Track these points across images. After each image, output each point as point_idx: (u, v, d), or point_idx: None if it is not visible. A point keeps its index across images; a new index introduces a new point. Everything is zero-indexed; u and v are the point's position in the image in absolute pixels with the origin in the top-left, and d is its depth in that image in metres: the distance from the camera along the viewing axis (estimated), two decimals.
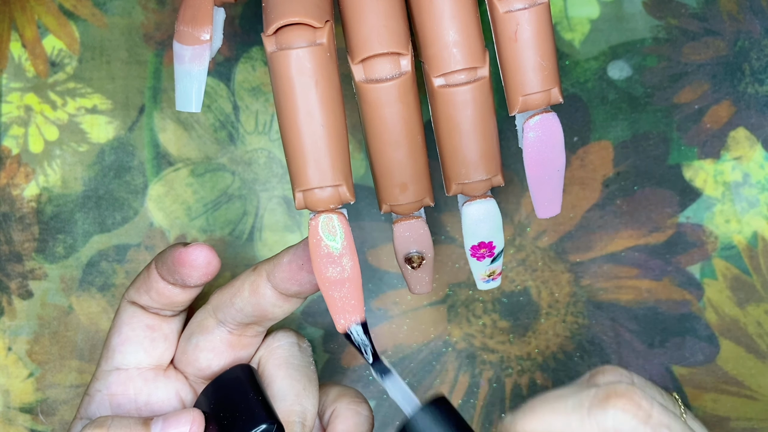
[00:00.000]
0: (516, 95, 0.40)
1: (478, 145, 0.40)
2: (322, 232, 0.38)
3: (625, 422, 0.33)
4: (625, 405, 0.33)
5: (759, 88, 0.51)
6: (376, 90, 0.39)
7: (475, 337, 0.51)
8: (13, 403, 0.51)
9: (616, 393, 0.34)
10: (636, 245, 0.51)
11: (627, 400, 0.33)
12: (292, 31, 0.38)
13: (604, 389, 0.34)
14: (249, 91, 0.52)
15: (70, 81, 0.51)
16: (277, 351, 0.43)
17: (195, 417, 0.40)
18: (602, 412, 0.33)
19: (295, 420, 0.41)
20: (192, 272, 0.41)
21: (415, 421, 0.36)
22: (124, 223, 0.51)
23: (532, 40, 0.39)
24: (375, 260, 0.52)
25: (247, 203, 0.51)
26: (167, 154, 0.51)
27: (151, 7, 0.52)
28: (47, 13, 0.52)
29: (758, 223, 0.51)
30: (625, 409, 0.33)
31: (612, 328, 0.51)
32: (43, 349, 0.51)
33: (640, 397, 0.34)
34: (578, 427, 0.34)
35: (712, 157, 0.51)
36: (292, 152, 0.38)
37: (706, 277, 0.51)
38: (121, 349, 0.43)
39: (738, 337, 0.51)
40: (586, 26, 0.52)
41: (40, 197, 0.51)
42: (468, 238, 0.42)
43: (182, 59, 0.40)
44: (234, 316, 0.42)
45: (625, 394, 0.34)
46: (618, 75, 0.52)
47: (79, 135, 0.51)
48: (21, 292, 0.51)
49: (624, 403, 0.33)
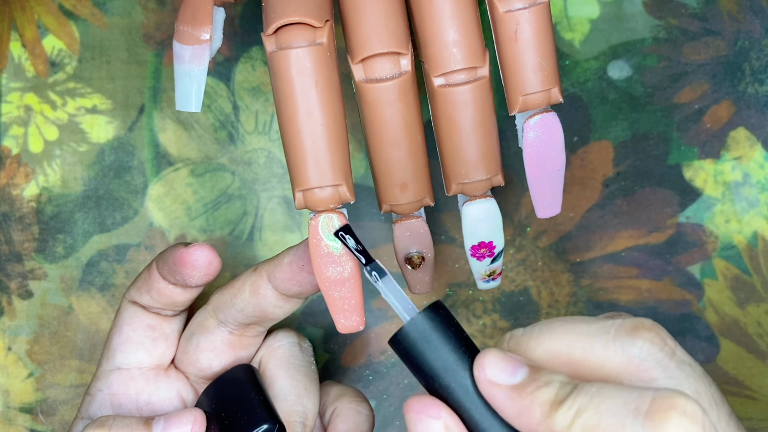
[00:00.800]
0: (516, 95, 0.40)
1: (478, 145, 0.40)
2: (323, 231, 0.38)
3: (652, 354, 0.33)
4: (653, 338, 0.33)
5: (759, 88, 0.51)
6: (376, 90, 0.39)
7: (475, 337, 0.51)
8: (13, 403, 0.51)
9: (644, 325, 0.34)
10: (636, 245, 0.51)
11: (655, 334, 0.34)
12: (292, 30, 0.38)
13: (631, 321, 0.34)
14: (249, 91, 0.52)
15: (70, 81, 0.51)
16: (278, 351, 0.43)
17: (196, 417, 0.40)
18: (630, 339, 0.33)
19: (297, 420, 0.41)
20: (193, 272, 0.41)
21: (412, 325, 0.35)
22: (124, 223, 0.51)
23: (532, 40, 0.39)
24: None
25: (247, 203, 0.51)
26: (167, 154, 0.51)
27: (151, 7, 0.52)
28: (47, 13, 0.52)
29: (758, 223, 0.51)
30: (653, 341, 0.33)
31: None
32: (43, 349, 0.51)
33: (666, 335, 0.34)
34: (601, 350, 0.33)
35: (712, 157, 0.51)
36: (292, 152, 0.38)
37: (706, 277, 0.51)
38: (122, 349, 0.43)
39: (738, 337, 0.51)
40: (586, 26, 0.52)
41: (40, 197, 0.51)
42: (468, 238, 0.42)
43: (182, 59, 0.40)
44: (234, 316, 0.42)
45: (653, 328, 0.34)
46: (618, 75, 0.52)
47: (79, 135, 0.51)
48: (21, 292, 0.51)
49: (653, 336, 0.33)
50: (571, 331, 0.34)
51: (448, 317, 0.35)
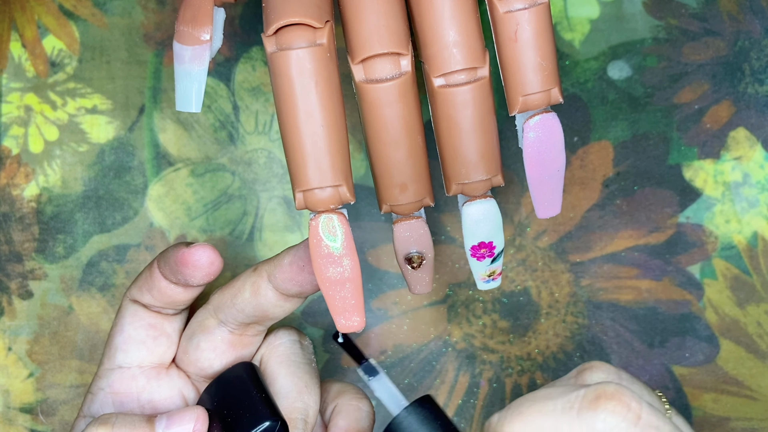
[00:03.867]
0: (516, 95, 0.40)
1: (478, 145, 0.40)
2: (323, 232, 0.38)
3: (615, 424, 0.33)
4: (615, 407, 0.33)
5: (759, 88, 0.51)
6: (376, 90, 0.39)
7: (475, 337, 0.51)
8: (13, 403, 0.51)
9: (605, 394, 0.33)
10: (636, 245, 0.51)
11: (617, 402, 0.33)
12: (292, 31, 0.38)
13: (593, 390, 0.33)
14: (249, 91, 0.52)
15: (70, 81, 0.51)
16: (279, 349, 0.44)
17: (199, 414, 0.40)
18: (592, 413, 0.33)
19: (298, 417, 0.41)
20: (195, 272, 0.41)
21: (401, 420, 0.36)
22: (124, 223, 0.51)
23: (532, 41, 0.39)
24: (375, 260, 0.52)
25: (247, 203, 0.51)
26: (167, 154, 0.51)
27: (151, 7, 0.52)
28: (47, 13, 0.52)
29: (758, 223, 0.51)
30: (615, 411, 0.33)
31: (612, 328, 0.51)
32: (43, 349, 0.51)
33: (630, 398, 0.33)
34: (568, 430, 0.33)
35: (712, 157, 0.51)
36: (292, 152, 0.38)
37: (706, 277, 0.51)
38: (123, 348, 0.43)
39: (738, 337, 0.51)
40: (586, 26, 0.52)
41: (40, 197, 0.51)
42: (468, 238, 0.42)
43: (182, 59, 0.40)
44: (235, 316, 0.42)
45: (615, 395, 0.33)
46: (618, 75, 0.52)
47: (79, 135, 0.51)
48: (21, 292, 0.51)
49: (614, 405, 0.33)
50: (538, 411, 0.34)
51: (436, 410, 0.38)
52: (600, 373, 0.37)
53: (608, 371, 0.37)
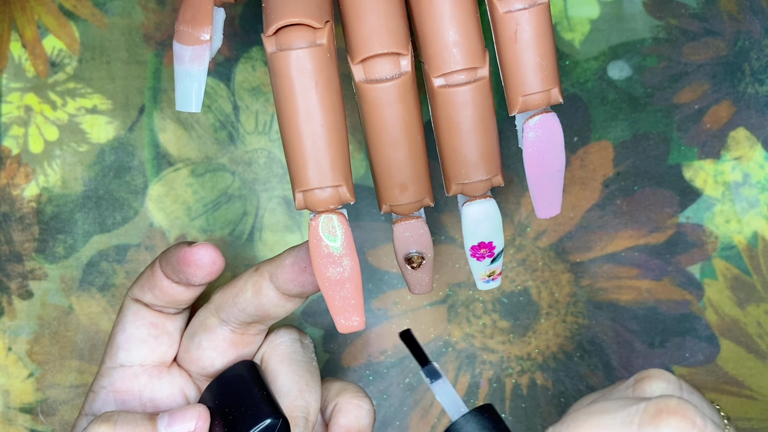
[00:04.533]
0: (516, 95, 0.40)
1: (478, 146, 0.40)
2: (323, 232, 0.38)
3: None
4: (678, 423, 0.31)
5: (759, 88, 0.51)
6: (376, 90, 0.39)
7: (475, 337, 0.51)
8: (13, 403, 0.51)
9: (667, 408, 0.31)
10: (636, 245, 0.51)
11: (681, 417, 0.31)
12: (292, 31, 0.38)
13: (654, 404, 0.32)
14: (249, 91, 0.52)
15: (70, 81, 0.51)
16: (280, 347, 0.44)
17: (201, 412, 0.40)
18: (654, 430, 0.31)
19: (299, 415, 0.41)
20: (197, 271, 0.41)
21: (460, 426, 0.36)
22: (124, 223, 0.51)
23: (532, 41, 0.39)
24: (375, 260, 0.52)
25: (247, 203, 0.51)
26: (167, 154, 0.51)
27: (151, 7, 0.52)
28: (47, 13, 0.52)
29: (758, 223, 0.51)
30: (678, 428, 0.31)
31: (612, 328, 0.51)
32: (43, 349, 0.51)
33: (694, 414, 0.31)
34: None
35: (712, 157, 0.51)
36: (292, 153, 0.38)
37: (706, 277, 0.51)
38: (125, 347, 0.44)
39: (738, 337, 0.51)
40: (586, 26, 0.52)
41: (40, 197, 0.51)
42: (468, 238, 0.42)
43: (182, 59, 0.40)
44: (236, 315, 0.42)
45: (678, 410, 0.31)
46: (618, 75, 0.52)
47: (79, 135, 0.51)
48: (21, 292, 0.51)
49: (677, 421, 0.31)
50: (596, 426, 0.32)
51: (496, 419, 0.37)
52: (660, 382, 0.36)
53: (668, 380, 0.36)
